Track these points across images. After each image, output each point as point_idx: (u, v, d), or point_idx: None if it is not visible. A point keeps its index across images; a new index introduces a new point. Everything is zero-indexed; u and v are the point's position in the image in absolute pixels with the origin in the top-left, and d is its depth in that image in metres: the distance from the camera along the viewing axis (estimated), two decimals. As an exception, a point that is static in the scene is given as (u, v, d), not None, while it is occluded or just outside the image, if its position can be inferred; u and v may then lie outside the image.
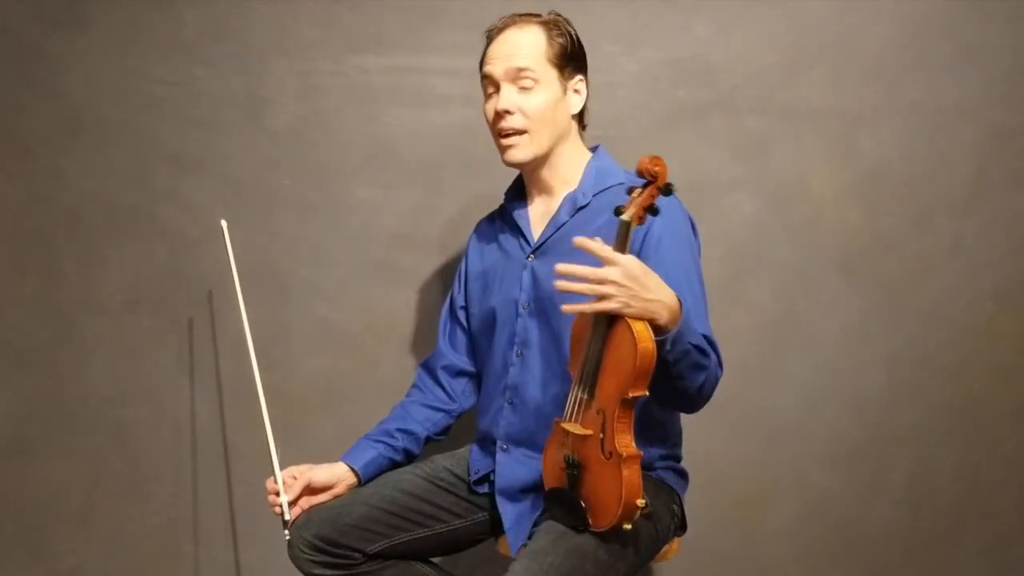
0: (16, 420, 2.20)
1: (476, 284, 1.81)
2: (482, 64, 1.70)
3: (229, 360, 2.17)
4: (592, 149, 1.74)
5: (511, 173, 1.78)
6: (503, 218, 1.80)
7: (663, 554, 1.70)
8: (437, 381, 1.83)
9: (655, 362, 1.40)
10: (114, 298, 2.18)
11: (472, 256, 1.84)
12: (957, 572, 2.25)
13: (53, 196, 2.16)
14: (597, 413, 1.47)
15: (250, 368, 1.76)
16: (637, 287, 1.38)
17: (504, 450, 1.70)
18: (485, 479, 1.74)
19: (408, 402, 1.82)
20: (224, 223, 1.84)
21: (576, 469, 1.50)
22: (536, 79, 1.63)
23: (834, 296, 2.18)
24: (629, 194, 1.43)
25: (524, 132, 1.65)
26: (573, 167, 1.71)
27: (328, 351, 2.19)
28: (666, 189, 1.42)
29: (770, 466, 2.21)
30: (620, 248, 1.40)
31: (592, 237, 1.61)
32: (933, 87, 2.15)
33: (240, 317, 1.78)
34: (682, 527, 1.73)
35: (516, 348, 1.70)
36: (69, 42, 2.13)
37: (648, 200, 1.42)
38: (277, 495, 1.64)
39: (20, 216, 2.17)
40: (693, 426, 1.79)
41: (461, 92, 2.08)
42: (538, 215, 1.74)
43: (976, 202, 2.18)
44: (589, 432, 1.47)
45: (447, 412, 1.82)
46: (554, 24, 1.67)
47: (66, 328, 2.18)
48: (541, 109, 1.64)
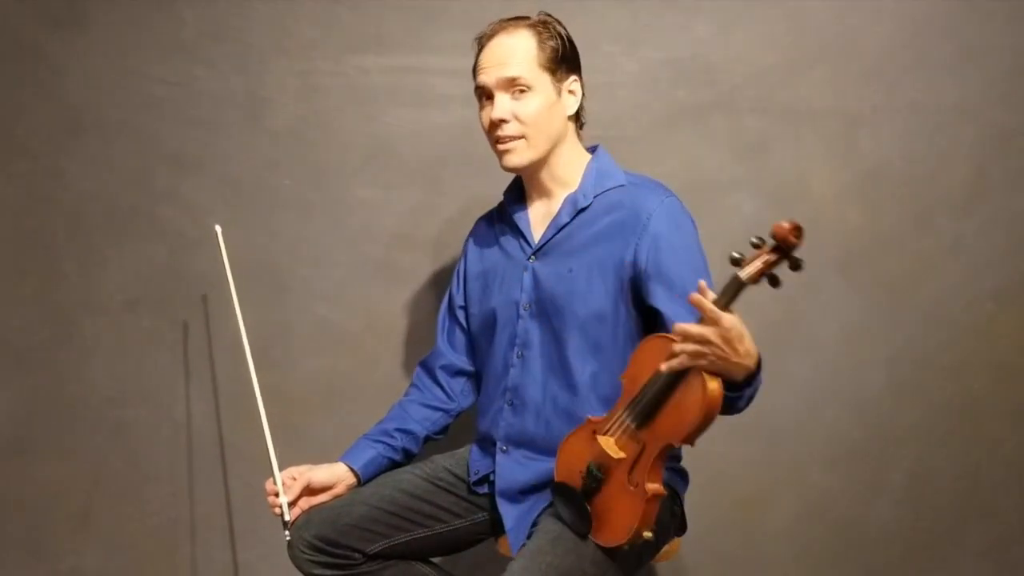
0: (16, 420, 2.20)
1: (475, 284, 1.80)
2: (474, 72, 1.69)
3: (229, 360, 2.17)
4: (591, 149, 1.74)
5: (511, 173, 1.78)
6: (502, 218, 1.80)
7: (663, 554, 1.70)
8: (436, 380, 1.83)
9: (714, 420, 1.38)
10: (114, 298, 2.18)
11: (471, 256, 1.84)
12: (957, 572, 2.25)
13: (53, 196, 2.16)
14: (637, 443, 1.44)
15: (250, 368, 1.76)
16: (729, 350, 1.34)
17: (504, 451, 1.70)
18: (485, 480, 1.74)
19: (406, 401, 1.82)
20: (218, 228, 1.84)
21: (596, 483, 1.49)
22: (529, 86, 1.62)
23: (834, 296, 2.18)
24: (754, 247, 1.32)
25: (521, 138, 1.64)
26: (572, 168, 1.70)
27: (328, 351, 2.19)
28: (795, 264, 1.32)
29: (770, 466, 2.21)
30: (726, 302, 1.33)
31: (592, 240, 1.62)
32: (933, 87, 2.15)
33: (234, 314, 1.78)
34: (682, 527, 1.73)
35: (517, 349, 1.69)
36: (69, 42, 2.13)
37: (771, 267, 1.32)
38: (277, 496, 1.64)
39: (20, 216, 2.17)
40: (693, 426, 1.79)
41: (461, 92, 2.07)
42: (538, 216, 1.73)
43: (976, 202, 2.18)
44: (623, 456, 1.46)
45: (446, 411, 1.82)
46: (544, 26, 1.65)
47: (66, 328, 2.18)
48: (536, 115, 1.63)
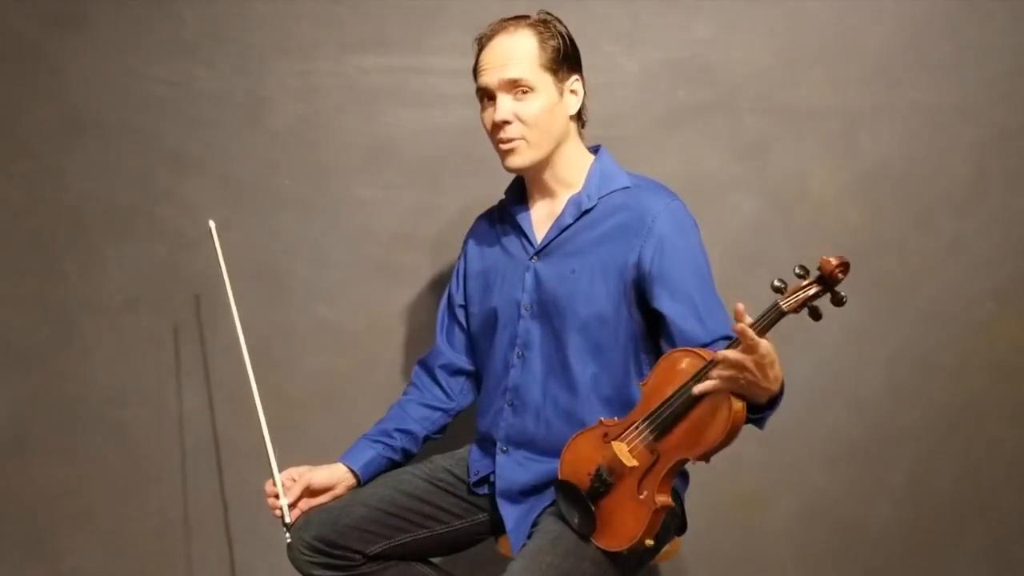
0: (16, 420, 2.20)
1: (476, 283, 1.80)
2: (475, 73, 1.68)
3: (229, 360, 2.16)
4: (593, 149, 1.74)
5: (512, 173, 1.78)
6: (504, 217, 1.80)
7: (663, 554, 1.70)
8: (435, 380, 1.82)
9: (732, 441, 1.38)
10: (114, 298, 2.18)
11: (471, 254, 1.83)
12: (957, 572, 2.25)
13: (53, 196, 2.16)
14: (651, 452, 1.45)
15: (251, 368, 1.76)
16: (760, 376, 1.34)
17: (504, 452, 1.70)
18: (485, 480, 1.74)
19: (405, 401, 1.82)
20: (212, 223, 1.83)
21: (604, 487, 1.49)
22: (531, 87, 1.61)
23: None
24: (798, 278, 1.32)
25: (523, 139, 1.63)
26: (575, 169, 1.70)
27: (328, 351, 2.19)
28: (837, 301, 1.32)
29: (770, 466, 2.21)
30: (763, 330, 1.32)
31: (596, 241, 1.62)
32: (933, 87, 2.15)
33: (233, 318, 1.77)
34: (682, 527, 1.73)
35: (517, 349, 1.69)
36: (69, 42, 2.13)
37: (813, 299, 1.31)
38: (276, 497, 1.64)
39: (20, 216, 2.17)
40: (693, 426, 1.79)
41: (461, 92, 2.07)
42: (540, 216, 1.73)
43: (976, 202, 2.18)
44: (636, 464, 1.45)
45: (445, 411, 1.81)
46: (545, 25, 1.64)
47: (66, 328, 2.18)
48: (539, 115, 1.62)
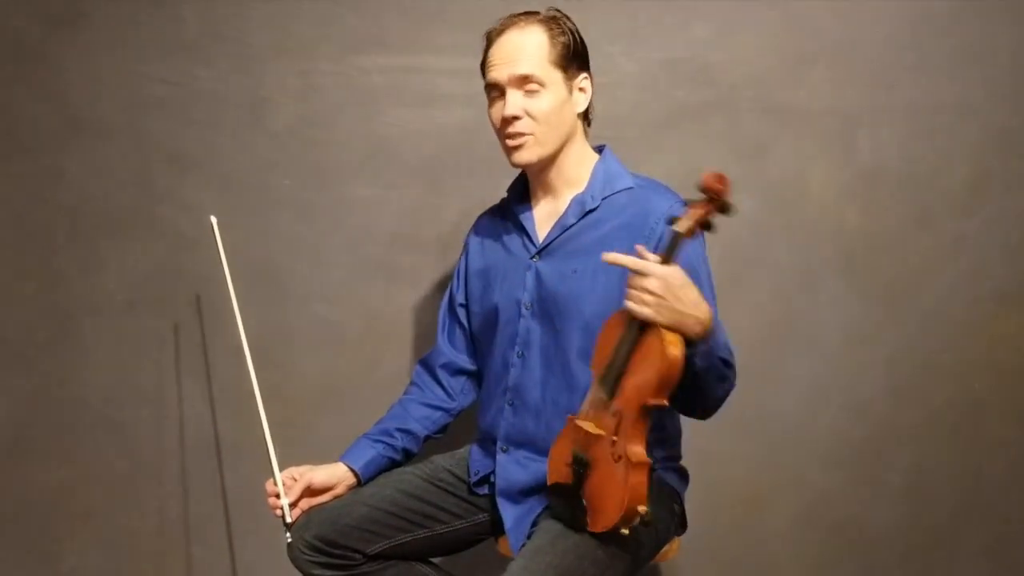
0: (16, 420, 2.20)
1: (477, 281, 1.80)
2: (484, 68, 1.68)
3: (228, 360, 2.17)
4: (597, 149, 1.74)
5: (512, 173, 1.78)
6: (506, 216, 1.79)
7: (663, 554, 1.70)
8: (436, 379, 1.82)
9: (680, 374, 1.40)
10: (114, 298, 2.18)
11: (472, 252, 1.83)
12: (957, 572, 2.25)
13: (53, 196, 2.16)
14: (613, 415, 1.46)
15: (249, 368, 1.76)
16: (673, 299, 1.38)
17: (504, 451, 1.70)
18: (485, 480, 1.74)
19: (407, 400, 1.82)
20: (214, 219, 1.82)
21: (583, 467, 1.49)
22: (542, 83, 1.61)
23: (834, 296, 2.18)
24: (685, 205, 1.43)
25: (531, 135, 1.63)
26: (580, 168, 1.70)
27: (328, 351, 2.19)
28: (724, 208, 1.40)
29: (770, 466, 2.21)
30: (667, 258, 1.40)
31: (599, 241, 1.62)
32: (933, 87, 2.15)
33: (234, 314, 1.77)
34: (682, 527, 1.73)
35: (517, 349, 1.69)
36: (69, 42, 2.13)
37: (705, 216, 1.40)
38: (277, 497, 1.64)
39: (20, 216, 2.17)
40: (693, 426, 1.78)
41: (462, 92, 2.08)
42: (543, 215, 1.73)
43: (977, 202, 2.18)
44: (602, 432, 1.47)
45: (446, 411, 1.81)
46: (555, 22, 1.65)
47: (66, 328, 2.18)
48: (548, 112, 1.62)
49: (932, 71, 2.15)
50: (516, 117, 1.62)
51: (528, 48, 1.62)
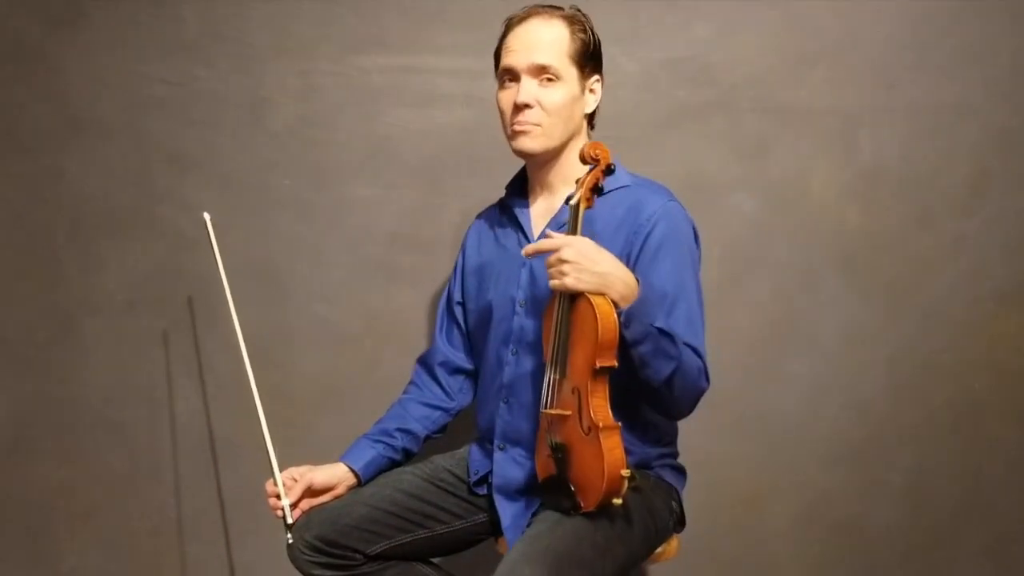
0: (16, 420, 2.20)
1: (473, 279, 1.80)
2: (499, 53, 1.68)
3: (228, 360, 2.17)
4: None
5: (511, 173, 1.78)
6: (503, 213, 1.80)
7: (663, 554, 1.70)
8: (435, 378, 1.83)
9: (618, 333, 1.45)
10: (114, 298, 2.18)
11: (470, 250, 1.83)
12: (957, 572, 2.25)
13: (53, 196, 2.16)
14: (572, 392, 1.50)
15: (251, 368, 1.76)
16: (587, 262, 1.46)
17: (501, 449, 1.70)
18: (484, 480, 1.73)
19: (406, 400, 1.82)
20: (207, 215, 1.81)
21: (561, 452, 1.52)
22: (559, 75, 1.62)
23: (834, 296, 2.18)
24: (576, 183, 1.53)
25: (540, 125, 1.64)
26: (578, 166, 1.69)
27: (328, 351, 2.19)
28: (608, 169, 1.53)
29: (770, 466, 2.21)
30: (572, 231, 1.51)
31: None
32: (933, 87, 2.15)
33: (231, 315, 1.77)
34: (680, 523, 1.73)
35: (512, 346, 1.69)
36: (69, 42, 2.13)
37: (593, 182, 1.53)
38: (278, 498, 1.64)
39: (20, 216, 2.17)
40: (692, 426, 1.79)
41: (462, 92, 2.08)
42: (539, 212, 1.73)
43: (977, 202, 2.18)
44: (567, 412, 1.51)
45: (445, 410, 1.81)
46: (576, 20, 1.66)
47: (66, 328, 2.18)
48: (560, 105, 1.63)
49: (932, 71, 2.15)
50: (528, 105, 1.63)
51: (549, 39, 1.64)
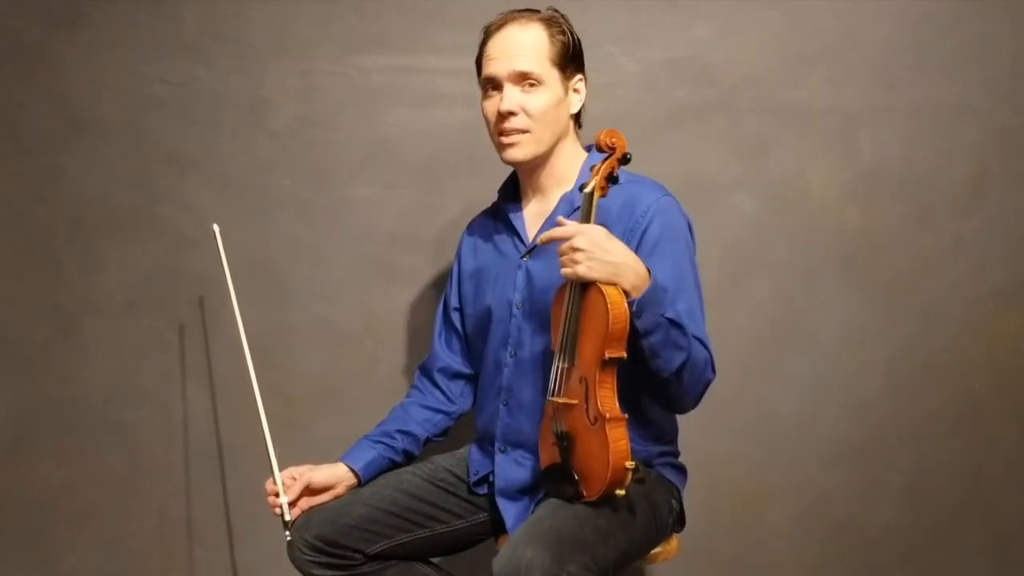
0: (16, 420, 2.20)
1: (469, 284, 1.80)
2: (480, 62, 1.69)
3: (229, 360, 2.17)
4: (587, 148, 1.74)
5: (509, 167, 1.78)
6: (496, 217, 1.80)
7: (662, 554, 1.70)
8: (435, 383, 1.83)
9: (628, 323, 1.45)
10: (114, 298, 2.18)
11: (465, 255, 1.83)
12: (957, 572, 2.25)
13: (53, 196, 2.16)
14: (580, 381, 1.50)
15: (250, 371, 1.76)
16: (599, 251, 1.45)
17: (502, 451, 1.70)
18: (484, 480, 1.74)
19: (407, 403, 1.82)
20: (216, 227, 1.83)
21: (566, 441, 1.52)
22: (540, 80, 1.62)
23: (834, 296, 2.18)
24: (591, 171, 1.53)
25: (526, 131, 1.64)
26: (570, 167, 1.70)
27: (328, 351, 2.19)
28: (624, 159, 1.53)
29: (770, 466, 2.21)
30: (585, 219, 1.50)
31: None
32: (933, 87, 2.15)
33: (235, 320, 1.77)
34: (680, 522, 1.73)
35: (510, 348, 1.69)
36: (69, 41, 2.13)
37: (608, 170, 1.52)
38: (276, 496, 1.64)
39: (20, 216, 2.17)
40: (693, 426, 1.79)
41: (462, 92, 2.08)
42: (533, 214, 1.73)
43: (977, 202, 2.18)
44: (574, 401, 1.50)
45: (446, 414, 1.81)
46: (554, 22, 1.66)
47: (66, 328, 2.18)
48: (545, 109, 1.63)
49: (932, 71, 2.15)
50: (512, 113, 1.63)
51: (528, 44, 1.63)
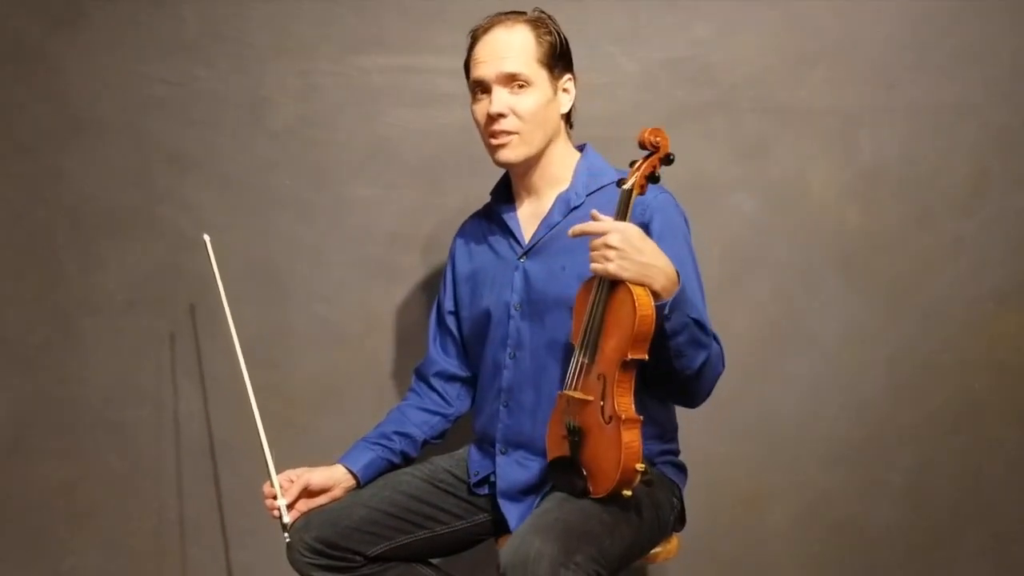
0: (16, 420, 2.20)
1: (465, 287, 1.80)
2: (469, 66, 1.69)
3: (228, 360, 2.16)
4: (579, 148, 1.74)
5: (501, 170, 1.78)
6: (490, 218, 1.80)
7: (663, 553, 1.70)
8: (431, 387, 1.83)
9: (654, 326, 1.43)
10: (114, 298, 2.18)
11: (459, 258, 1.83)
12: (957, 572, 2.25)
13: (53, 196, 2.16)
14: (598, 378, 1.48)
15: (250, 370, 1.76)
16: (633, 251, 1.43)
17: (503, 453, 1.70)
18: (485, 481, 1.74)
19: (405, 405, 1.82)
20: (207, 237, 1.83)
21: (577, 435, 1.51)
22: (529, 81, 1.62)
23: (834, 296, 2.18)
24: (631, 166, 1.50)
25: (516, 133, 1.64)
26: (563, 167, 1.70)
27: (328, 351, 2.19)
28: (667, 160, 1.50)
29: (770, 466, 2.21)
30: (621, 216, 1.47)
31: (585, 239, 1.61)
32: (933, 87, 2.15)
33: (229, 330, 1.77)
34: (681, 521, 1.73)
35: (509, 350, 1.69)
36: (69, 41, 2.13)
37: (649, 169, 1.49)
38: (274, 499, 1.64)
39: (20, 216, 2.17)
40: (693, 426, 1.79)
41: (462, 92, 2.06)
42: (527, 215, 1.73)
43: (976, 202, 2.18)
44: (590, 398, 1.49)
45: (444, 416, 1.82)
46: (540, 22, 1.66)
47: (66, 328, 2.18)
48: (534, 110, 1.63)
49: (932, 71, 2.15)
50: (502, 115, 1.63)
51: (515, 46, 1.63)
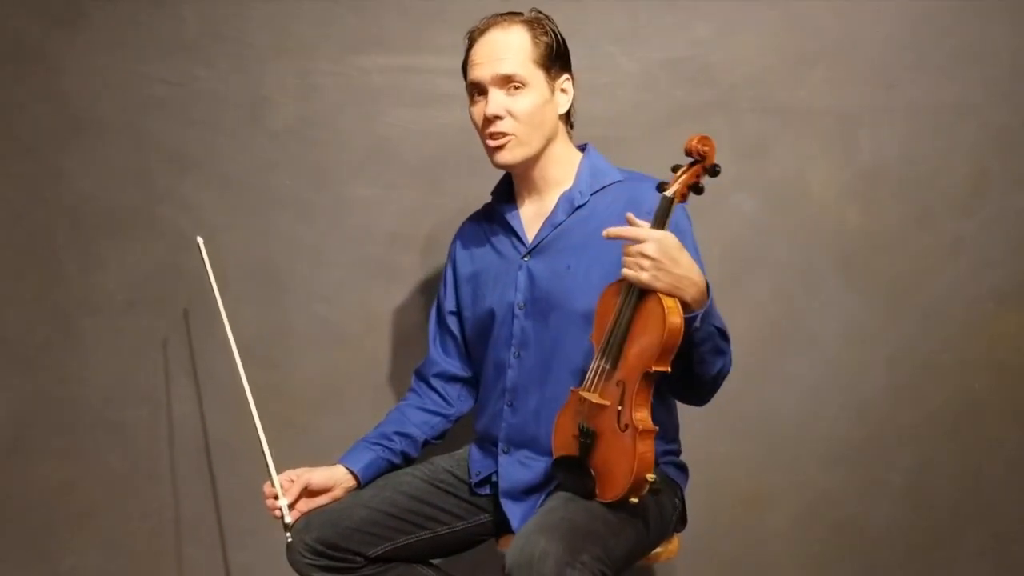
0: (16, 420, 2.20)
1: (467, 287, 1.80)
2: (466, 67, 1.69)
3: (228, 361, 2.16)
4: (581, 147, 1.74)
5: (500, 169, 1.78)
6: (491, 219, 1.79)
7: (663, 554, 1.70)
8: (432, 387, 1.83)
9: (681, 339, 1.42)
10: (114, 298, 2.18)
11: (460, 259, 1.83)
12: (957, 572, 2.25)
13: (53, 196, 2.16)
14: (617, 384, 1.47)
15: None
16: (669, 262, 1.41)
17: (506, 452, 1.70)
18: (486, 481, 1.74)
19: (405, 406, 1.82)
20: (200, 240, 1.83)
21: (590, 438, 1.50)
22: (525, 82, 1.62)
23: (834, 296, 2.18)
24: (674, 172, 1.46)
25: (513, 135, 1.63)
26: (564, 167, 1.70)
27: (328, 351, 2.19)
28: (712, 171, 1.45)
29: (770, 466, 2.21)
30: (660, 224, 1.44)
31: (590, 236, 1.62)
32: (933, 87, 2.15)
33: (225, 332, 1.78)
34: (682, 520, 1.73)
35: (513, 350, 1.69)
36: (69, 41, 2.13)
37: (693, 178, 1.45)
38: (275, 499, 1.64)
39: (20, 216, 2.17)
40: (693, 426, 1.79)
41: (461, 92, 2.06)
42: (530, 215, 1.73)
43: (976, 202, 2.18)
44: (607, 403, 1.48)
45: (445, 416, 1.81)
46: (537, 23, 1.65)
47: (66, 328, 2.18)
48: (531, 112, 1.63)
49: (932, 71, 2.15)
50: (498, 116, 1.63)
51: (511, 47, 1.63)
